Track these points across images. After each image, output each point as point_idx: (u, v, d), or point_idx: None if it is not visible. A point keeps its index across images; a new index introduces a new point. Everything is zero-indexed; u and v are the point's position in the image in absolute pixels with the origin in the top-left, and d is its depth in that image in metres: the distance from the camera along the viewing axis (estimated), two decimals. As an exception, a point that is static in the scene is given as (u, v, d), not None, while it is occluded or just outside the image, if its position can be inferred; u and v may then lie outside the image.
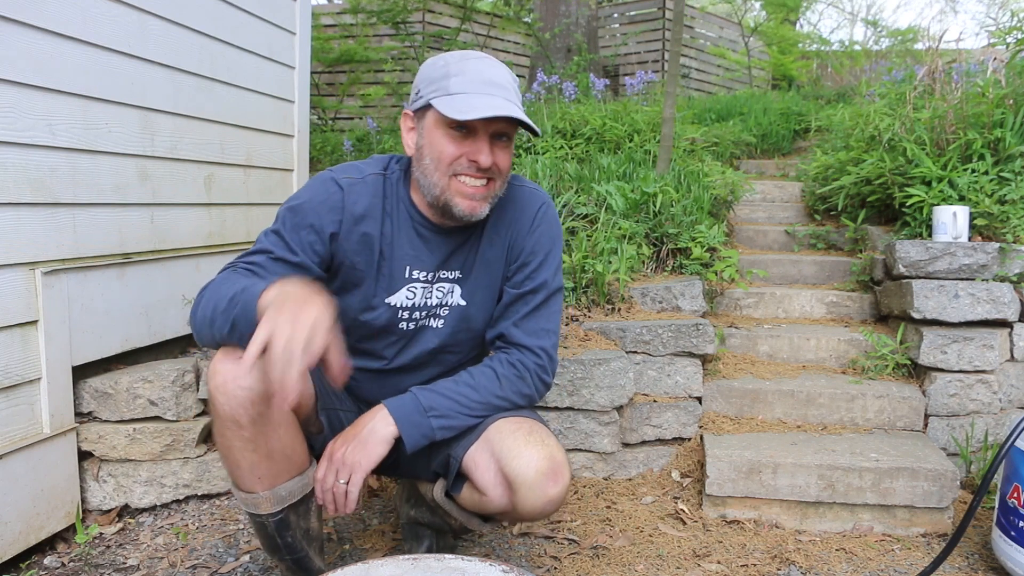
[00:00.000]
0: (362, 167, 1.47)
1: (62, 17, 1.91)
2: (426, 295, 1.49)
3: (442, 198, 1.38)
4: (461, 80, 1.34)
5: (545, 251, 1.52)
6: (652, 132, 4.11)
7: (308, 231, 1.39)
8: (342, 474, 1.35)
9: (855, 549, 1.94)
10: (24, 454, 1.78)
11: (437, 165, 1.37)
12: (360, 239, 1.43)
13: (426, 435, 1.40)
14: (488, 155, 1.35)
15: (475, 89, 1.33)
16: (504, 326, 1.51)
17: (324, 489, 1.37)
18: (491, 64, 1.38)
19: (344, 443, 1.38)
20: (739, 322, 2.93)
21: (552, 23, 7.39)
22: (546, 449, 1.37)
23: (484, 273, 1.51)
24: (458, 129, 1.35)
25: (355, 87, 7.04)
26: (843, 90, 7.41)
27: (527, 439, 1.38)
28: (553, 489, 1.35)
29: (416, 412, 1.39)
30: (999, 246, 2.52)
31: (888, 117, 3.50)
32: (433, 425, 1.40)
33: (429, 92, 1.36)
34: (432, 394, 1.42)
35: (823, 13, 21.91)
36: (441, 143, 1.36)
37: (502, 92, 1.35)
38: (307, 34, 3.21)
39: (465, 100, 1.32)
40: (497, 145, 1.38)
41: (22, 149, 1.81)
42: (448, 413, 1.41)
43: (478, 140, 1.35)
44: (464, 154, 1.35)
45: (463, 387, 1.44)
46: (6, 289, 1.76)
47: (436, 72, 1.37)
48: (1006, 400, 2.45)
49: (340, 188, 1.42)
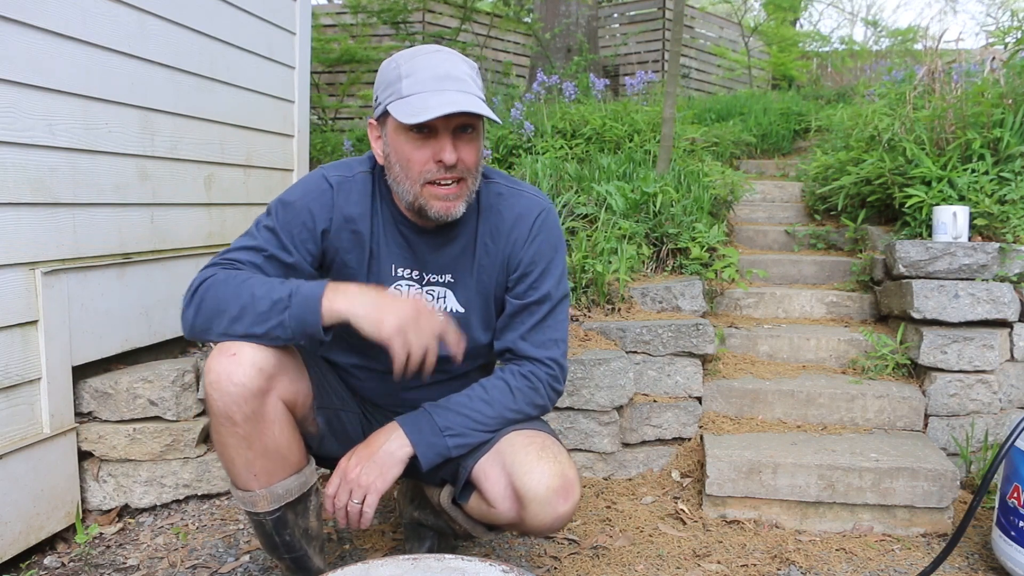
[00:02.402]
0: (353, 165, 1.47)
1: (62, 17, 1.91)
2: (414, 296, 1.47)
3: (416, 203, 1.36)
4: (412, 81, 1.29)
5: (547, 260, 1.48)
6: (652, 132, 4.11)
7: (300, 228, 1.40)
8: (356, 495, 1.34)
9: (855, 549, 1.94)
10: (24, 454, 1.78)
11: (407, 173, 1.34)
12: (351, 237, 1.43)
13: (441, 454, 1.39)
14: (452, 152, 1.30)
15: (427, 87, 1.28)
16: (511, 339, 1.48)
17: (337, 507, 1.36)
18: (444, 57, 1.33)
19: (359, 462, 1.36)
20: (739, 322, 2.93)
21: (552, 23, 7.38)
22: (558, 466, 1.36)
23: (479, 280, 1.48)
24: (418, 131, 1.30)
25: (355, 87, 7.04)
26: (843, 90, 7.41)
27: (539, 454, 1.37)
28: (563, 507, 1.34)
29: (431, 432, 1.38)
30: (999, 246, 2.52)
31: (888, 117, 3.50)
32: (449, 444, 1.39)
33: (385, 97, 1.33)
34: (447, 412, 1.41)
35: (823, 13, 21.92)
36: (405, 149, 1.32)
37: (456, 85, 1.30)
38: (307, 34, 3.21)
39: (419, 101, 1.27)
40: (461, 139, 1.33)
41: (22, 149, 1.81)
42: (463, 431, 1.40)
43: (440, 139, 1.30)
44: (430, 157, 1.32)
45: (477, 402, 1.42)
46: (6, 289, 1.76)
47: (390, 75, 1.34)
48: (1006, 400, 2.45)
49: (331, 186, 1.42)
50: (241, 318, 1.27)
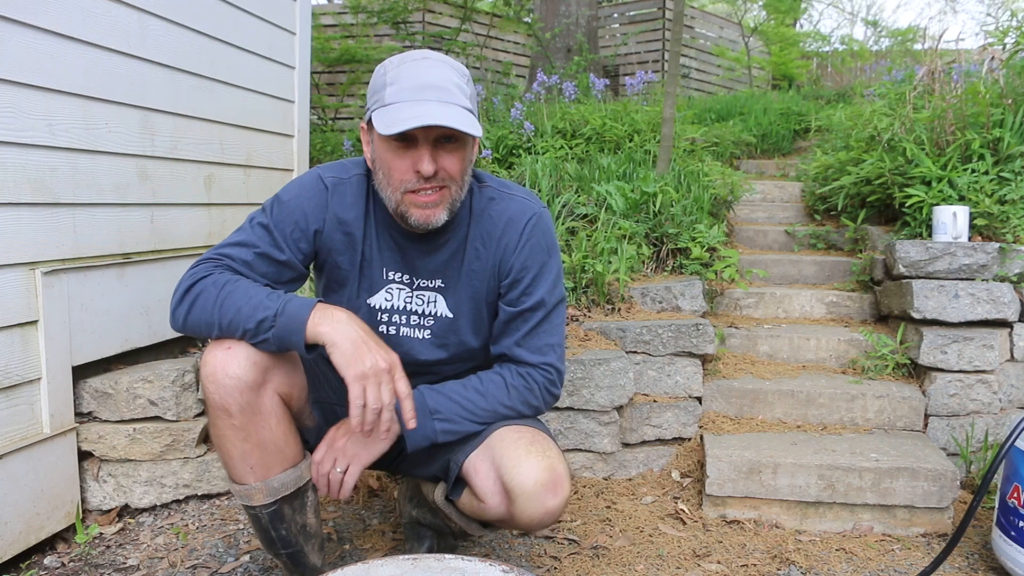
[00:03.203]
0: (349, 166, 1.47)
1: (62, 17, 1.91)
2: (405, 299, 1.48)
3: (398, 210, 1.36)
4: (395, 89, 1.29)
5: (539, 265, 1.46)
6: (652, 132, 4.12)
7: (293, 227, 1.41)
8: (340, 462, 1.36)
9: (855, 549, 1.94)
10: (24, 454, 1.78)
11: (389, 181, 1.34)
12: (343, 239, 1.44)
13: (428, 436, 1.40)
14: (430, 163, 1.29)
15: (408, 97, 1.28)
16: (507, 345, 1.48)
17: (320, 473, 1.38)
18: (429, 65, 1.32)
19: (347, 432, 1.38)
20: (739, 322, 2.93)
21: (552, 23, 7.38)
22: (547, 460, 1.36)
23: (468, 285, 1.48)
24: (399, 140, 1.29)
25: (355, 87, 7.04)
26: (843, 90, 7.42)
27: (528, 449, 1.37)
28: (552, 501, 1.34)
29: (420, 413, 1.39)
30: (999, 246, 2.52)
31: (888, 117, 3.50)
32: (436, 428, 1.39)
33: (372, 104, 1.34)
34: (439, 396, 1.42)
35: (823, 13, 21.92)
36: (387, 158, 1.33)
37: (437, 95, 1.28)
38: (307, 34, 3.21)
39: (396, 111, 1.26)
40: (444, 149, 1.31)
41: (22, 149, 1.81)
42: (453, 417, 1.41)
43: (420, 148, 1.29)
44: (410, 167, 1.31)
45: (471, 392, 1.43)
46: (6, 289, 1.76)
47: (377, 82, 1.34)
48: (1006, 400, 2.45)
49: (326, 187, 1.43)
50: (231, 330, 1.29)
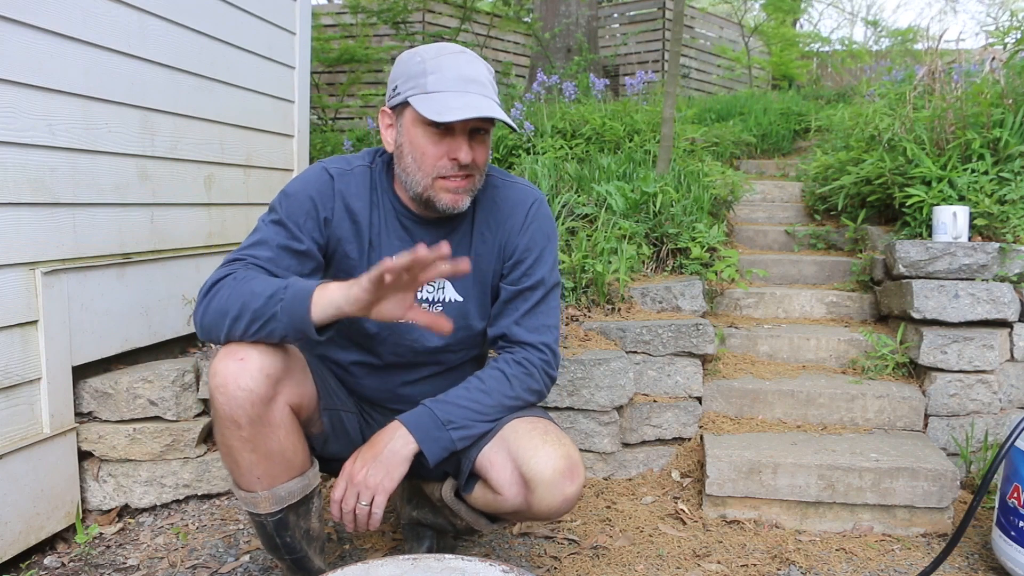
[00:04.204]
0: (351, 159, 1.50)
1: (62, 17, 1.91)
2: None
3: (425, 194, 1.40)
4: (438, 78, 1.34)
5: (540, 247, 1.52)
6: (652, 132, 4.11)
7: (305, 217, 1.42)
8: (364, 496, 1.34)
9: (855, 549, 1.94)
10: (24, 454, 1.78)
11: (420, 165, 1.38)
12: (351, 227, 1.45)
13: (447, 448, 1.39)
14: (468, 152, 1.36)
15: (453, 87, 1.33)
16: (506, 324, 1.51)
17: (345, 511, 1.36)
18: (468, 59, 1.38)
19: (364, 464, 1.36)
20: (739, 322, 2.93)
21: (552, 23, 7.38)
22: (563, 448, 1.38)
23: (475, 268, 1.51)
24: (437, 127, 1.35)
25: (355, 87, 7.04)
26: (843, 90, 7.42)
27: (544, 438, 1.38)
28: (570, 488, 1.36)
29: (434, 427, 1.38)
30: (999, 246, 2.52)
31: (888, 117, 3.50)
32: (453, 437, 1.39)
33: (407, 89, 1.37)
34: (447, 406, 1.41)
35: (823, 13, 21.92)
36: (421, 142, 1.37)
37: (479, 88, 1.35)
38: (307, 34, 3.21)
39: (443, 100, 1.32)
40: (475, 140, 1.39)
41: (22, 149, 1.81)
42: (465, 423, 1.40)
43: (457, 138, 1.36)
44: (445, 153, 1.36)
45: (475, 393, 1.43)
46: (6, 289, 1.76)
47: (413, 68, 1.37)
48: (1006, 400, 2.45)
49: (331, 176, 1.45)
50: (241, 316, 1.27)
